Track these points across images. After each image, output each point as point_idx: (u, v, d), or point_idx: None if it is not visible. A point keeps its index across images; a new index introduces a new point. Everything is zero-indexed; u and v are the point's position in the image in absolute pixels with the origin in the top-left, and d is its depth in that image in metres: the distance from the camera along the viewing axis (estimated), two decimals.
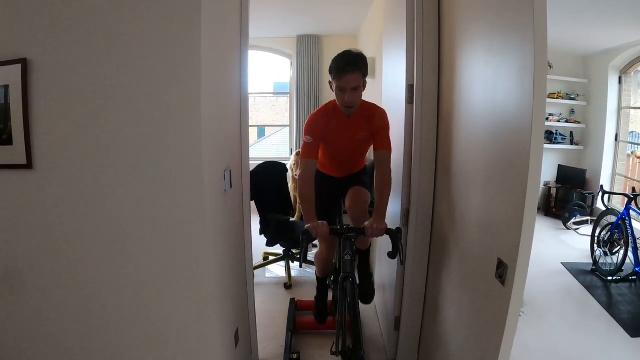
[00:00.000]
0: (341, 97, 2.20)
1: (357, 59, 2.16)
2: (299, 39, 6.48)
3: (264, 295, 3.73)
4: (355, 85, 2.16)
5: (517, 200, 1.29)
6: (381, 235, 2.12)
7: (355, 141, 2.40)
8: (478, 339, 1.63)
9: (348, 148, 2.47)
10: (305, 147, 2.32)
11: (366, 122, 2.33)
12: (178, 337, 1.80)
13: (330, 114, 2.35)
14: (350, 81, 2.14)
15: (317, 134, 2.32)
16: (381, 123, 2.32)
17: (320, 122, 2.34)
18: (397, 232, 2.07)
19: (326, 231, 2.14)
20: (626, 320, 3.32)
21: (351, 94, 2.17)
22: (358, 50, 2.22)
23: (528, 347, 2.90)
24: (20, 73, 1.60)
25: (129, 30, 1.56)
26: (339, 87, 2.17)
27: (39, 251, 1.74)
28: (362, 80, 2.18)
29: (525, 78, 1.25)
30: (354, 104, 2.23)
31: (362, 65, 2.17)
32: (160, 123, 1.61)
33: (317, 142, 2.33)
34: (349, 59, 2.15)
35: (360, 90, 2.21)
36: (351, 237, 2.18)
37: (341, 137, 2.39)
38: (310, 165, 2.30)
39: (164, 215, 1.68)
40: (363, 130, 2.35)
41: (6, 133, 1.65)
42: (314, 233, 2.12)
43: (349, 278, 2.13)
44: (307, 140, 2.31)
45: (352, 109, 2.26)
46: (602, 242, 4.47)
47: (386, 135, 2.32)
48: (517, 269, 1.28)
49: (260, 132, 10.87)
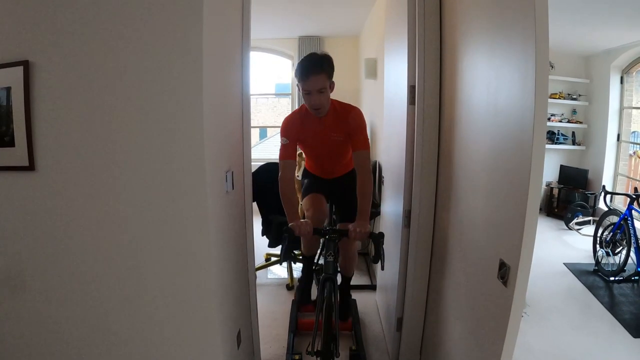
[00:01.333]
0: (308, 99, 2.23)
1: (321, 61, 2.18)
2: (300, 40, 6.48)
3: (266, 296, 3.73)
4: (321, 87, 2.17)
5: (519, 200, 1.29)
6: (364, 238, 2.14)
7: (331, 142, 2.42)
8: (480, 340, 1.62)
9: (325, 149, 2.50)
10: (282, 149, 2.35)
11: (340, 123, 2.36)
12: (180, 339, 1.80)
13: (303, 115, 2.39)
14: (316, 83, 2.15)
15: (292, 135, 2.35)
16: (356, 123, 2.34)
17: (295, 124, 2.38)
18: (380, 237, 2.08)
19: (309, 230, 2.16)
20: (628, 320, 3.31)
21: (317, 96, 2.19)
22: (324, 52, 2.26)
23: (530, 348, 2.90)
24: (22, 75, 1.60)
25: (130, 31, 1.56)
26: (305, 89, 2.19)
27: (41, 252, 1.74)
28: (327, 81, 2.20)
29: (526, 78, 1.25)
30: (321, 106, 2.25)
31: (326, 66, 2.19)
32: (162, 125, 1.62)
33: (293, 144, 2.37)
34: (313, 61, 2.18)
35: (327, 92, 2.23)
36: (334, 238, 2.20)
37: (316, 139, 2.43)
38: (288, 165, 2.34)
39: (165, 216, 1.68)
40: (337, 131, 2.38)
41: (8, 135, 1.66)
42: (296, 232, 2.14)
43: (329, 279, 2.15)
44: (283, 141, 2.35)
45: (320, 110, 2.28)
46: (605, 243, 4.47)
47: (362, 135, 2.34)
48: (519, 270, 1.27)
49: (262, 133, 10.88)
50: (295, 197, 2.31)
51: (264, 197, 3.87)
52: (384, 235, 2.11)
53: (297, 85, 2.24)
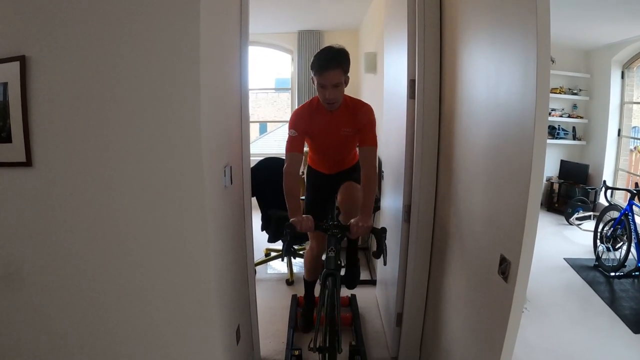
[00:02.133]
0: (322, 93, 2.20)
1: (338, 55, 2.16)
2: (300, 35, 6.46)
3: (266, 291, 3.73)
4: (337, 82, 2.16)
5: (519, 195, 1.28)
6: (366, 233, 2.12)
7: (340, 136, 2.40)
8: (481, 335, 1.62)
9: (333, 143, 2.48)
10: (289, 141, 2.32)
11: (351, 118, 2.34)
12: (178, 335, 1.80)
13: (314, 109, 2.36)
14: (331, 78, 2.14)
15: (300, 128, 2.33)
16: (366, 119, 2.32)
17: (304, 117, 2.36)
18: (382, 232, 2.07)
19: (311, 225, 2.14)
20: (629, 316, 3.31)
21: (332, 91, 2.17)
22: (340, 46, 2.22)
23: (530, 344, 2.90)
24: (19, 70, 1.59)
25: (127, 26, 1.55)
26: (320, 83, 2.17)
27: (39, 249, 1.73)
28: (343, 76, 2.19)
29: (528, 72, 1.23)
30: (335, 100, 2.23)
31: (343, 61, 2.17)
32: (159, 119, 1.61)
33: (301, 136, 2.34)
34: (330, 55, 2.16)
35: (342, 86, 2.21)
36: (336, 233, 2.19)
37: (325, 133, 2.40)
38: (295, 158, 2.31)
39: (163, 211, 1.68)
40: (347, 126, 2.36)
41: (5, 131, 1.64)
42: (298, 227, 2.13)
43: (331, 274, 2.14)
44: (291, 134, 2.32)
45: (333, 104, 2.26)
46: (605, 238, 4.47)
47: (371, 131, 2.32)
48: (520, 265, 1.26)
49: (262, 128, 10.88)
50: (299, 192, 2.29)
51: (264, 192, 3.86)
52: (386, 230, 2.10)
53: (312, 78, 2.22)
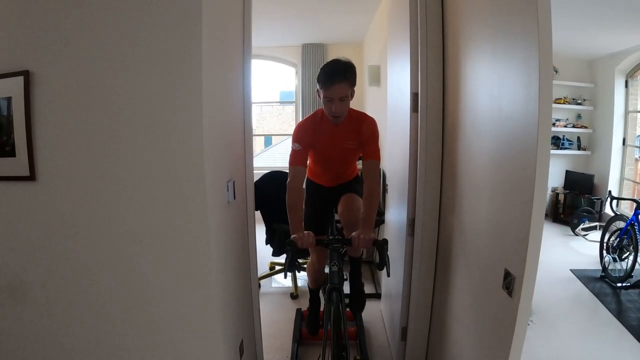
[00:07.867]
0: (329, 106, 2.18)
1: (345, 69, 2.14)
2: (303, 48, 6.49)
3: (270, 305, 3.71)
4: (343, 95, 2.14)
5: (523, 209, 1.27)
6: (368, 246, 2.10)
7: (344, 150, 2.39)
8: (485, 350, 1.60)
9: (337, 156, 2.46)
10: (293, 155, 2.30)
11: (355, 131, 2.33)
12: (182, 350, 1.79)
13: (318, 122, 2.35)
14: (338, 91, 2.12)
15: (305, 141, 2.31)
16: (370, 132, 2.31)
17: (309, 130, 2.34)
18: (384, 244, 2.05)
19: (312, 242, 2.12)
20: (636, 327, 3.26)
21: (339, 104, 2.16)
22: (347, 59, 2.20)
23: (537, 356, 2.86)
24: (23, 85, 1.60)
25: (129, 40, 1.57)
26: (327, 97, 2.15)
27: (42, 262, 1.73)
28: (349, 90, 2.17)
29: (530, 84, 1.23)
30: (341, 113, 2.22)
31: (350, 75, 2.15)
32: (161, 135, 1.61)
33: (305, 150, 2.32)
34: (336, 68, 2.14)
35: (348, 100, 2.20)
36: (337, 247, 2.17)
37: (329, 146, 2.38)
38: (299, 172, 2.29)
39: (166, 227, 1.68)
40: (351, 139, 2.34)
41: (9, 145, 1.66)
42: (299, 243, 2.09)
43: (335, 289, 2.11)
44: (295, 147, 2.30)
45: (339, 118, 2.25)
46: (611, 248, 4.43)
47: (375, 145, 2.31)
48: (525, 280, 1.25)
49: (267, 141, 10.92)
50: (301, 208, 2.27)
51: (268, 206, 3.86)
52: (387, 241, 2.09)
53: (317, 90, 2.21)
